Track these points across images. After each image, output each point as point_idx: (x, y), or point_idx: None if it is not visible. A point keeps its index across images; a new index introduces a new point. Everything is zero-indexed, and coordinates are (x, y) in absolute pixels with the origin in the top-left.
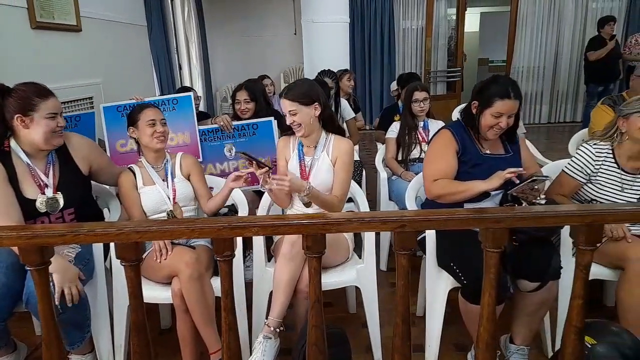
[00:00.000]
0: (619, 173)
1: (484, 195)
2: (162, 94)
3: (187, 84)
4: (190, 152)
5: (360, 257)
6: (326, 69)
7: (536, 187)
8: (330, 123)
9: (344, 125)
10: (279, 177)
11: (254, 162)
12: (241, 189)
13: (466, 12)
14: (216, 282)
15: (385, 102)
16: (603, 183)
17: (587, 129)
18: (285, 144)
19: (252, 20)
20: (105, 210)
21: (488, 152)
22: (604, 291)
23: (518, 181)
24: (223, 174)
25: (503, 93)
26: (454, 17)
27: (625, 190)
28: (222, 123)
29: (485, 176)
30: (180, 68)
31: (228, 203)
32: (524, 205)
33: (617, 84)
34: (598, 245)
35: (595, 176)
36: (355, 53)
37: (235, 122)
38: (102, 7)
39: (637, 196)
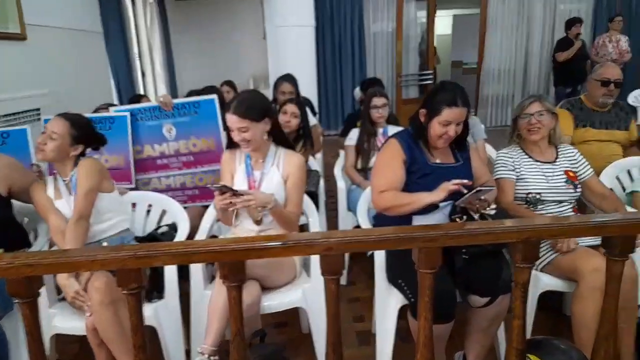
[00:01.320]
0: (537, 165)
1: (433, 207)
2: (120, 102)
3: (151, 90)
4: (122, 176)
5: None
6: (285, 74)
7: (482, 197)
8: (280, 136)
9: None
10: (245, 192)
11: (231, 193)
12: (184, 206)
13: (438, 14)
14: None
15: (358, 107)
16: (529, 178)
17: None
18: (230, 157)
19: (219, 26)
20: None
21: (437, 161)
22: (563, 301)
23: (466, 191)
24: (162, 156)
25: (450, 101)
26: (425, 20)
27: (550, 180)
28: (162, 100)
29: (435, 186)
30: (143, 75)
31: (169, 221)
32: (476, 216)
33: (584, 86)
34: (535, 262)
35: (520, 172)
36: (326, 57)
37: (177, 100)
38: (50, 14)
39: (563, 182)
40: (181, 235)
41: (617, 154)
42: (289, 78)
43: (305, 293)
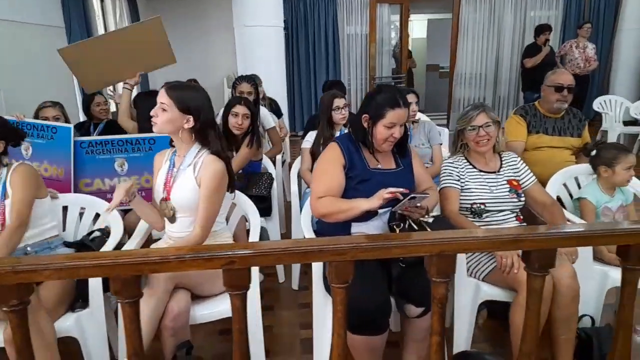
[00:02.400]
0: (480, 175)
1: (372, 214)
2: (83, 99)
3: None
4: (62, 188)
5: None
6: (244, 74)
7: (418, 204)
8: (206, 140)
9: (265, 135)
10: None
11: None
12: (119, 209)
13: (413, 18)
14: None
15: None
16: (473, 189)
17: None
18: (161, 156)
19: (192, 25)
20: None
21: (378, 166)
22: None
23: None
24: (112, 190)
25: (393, 102)
26: (398, 24)
27: (494, 190)
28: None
29: (374, 192)
30: None
31: (101, 226)
32: (415, 223)
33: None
34: (452, 276)
35: (464, 183)
36: (300, 58)
37: (132, 136)
38: (4, 6)
39: (506, 191)
40: (113, 241)
41: (569, 161)
42: (247, 78)
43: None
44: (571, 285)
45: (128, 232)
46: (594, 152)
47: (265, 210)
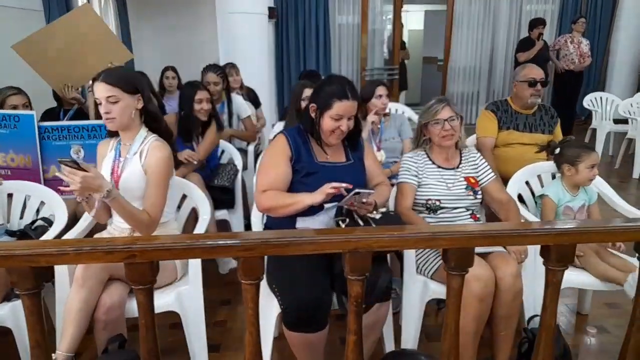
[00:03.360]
0: (439, 172)
1: (318, 208)
2: None
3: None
4: (32, 177)
5: None
6: (212, 64)
7: (364, 200)
8: (154, 121)
9: (240, 125)
10: (70, 172)
11: (77, 168)
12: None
13: (409, 9)
14: None
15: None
16: (430, 184)
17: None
18: (104, 145)
19: (180, 12)
20: None
21: (327, 160)
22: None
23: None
24: None
25: (341, 94)
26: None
27: (451, 187)
28: None
29: (320, 186)
30: None
31: (45, 214)
32: (362, 219)
33: (545, 87)
34: (367, 274)
35: (422, 178)
36: (290, 48)
37: (89, 122)
38: None
39: (463, 188)
40: (55, 230)
41: (540, 158)
42: (215, 68)
43: (181, 296)
44: (514, 284)
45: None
46: (557, 150)
47: (228, 202)
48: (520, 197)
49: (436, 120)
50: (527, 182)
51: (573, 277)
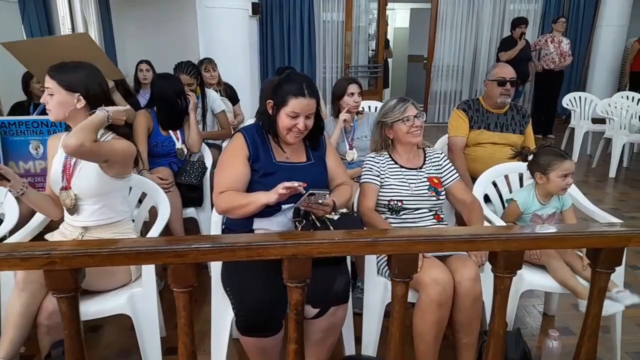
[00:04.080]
0: (401, 172)
1: (275, 209)
2: None
3: None
4: None
5: None
6: (184, 62)
7: (320, 201)
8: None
9: (215, 120)
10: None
11: None
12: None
13: (395, 7)
14: None
15: None
16: (392, 185)
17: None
18: (54, 141)
19: (162, 6)
20: None
21: (286, 159)
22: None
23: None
24: (27, 174)
25: (297, 91)
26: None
27: (413, 187)
28: None
29: None
30: None
31: None
32: (319, 220)
33: (527, 86)
34: (308, 281)
35: (384, 179)
36: (274, 44)
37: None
38: None
39: (426, 189)
40: (3, 230)
41: (511, 158)
42: (186, 69)
43: (133, 299)
44: (472, 288)
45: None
46: (530, 157)
47: (196, 200)
48: (487, 198)
49: (406, 117)
50: (494, 183)
51: (536, 279)
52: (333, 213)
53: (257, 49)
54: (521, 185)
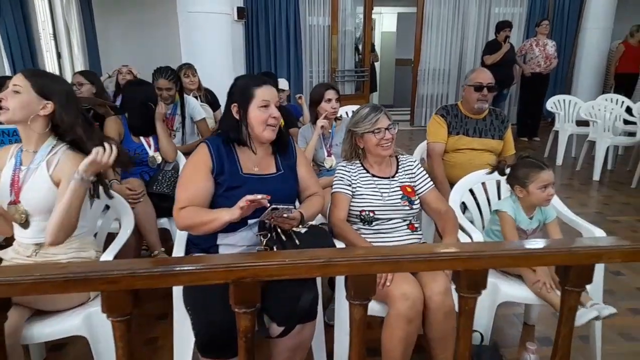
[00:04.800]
0: (373, 181)
1: (241, 224)
2: None
3: (68, 73)
4: None
5: None
6: (163, 66)
7: (285, 215)
8: (68, 135)
9: (194, 128)
10: None
11: None
12: None
13: (382, 11)
14: None
15: (292, 101)
16: (364, 194)
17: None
18: (3, 153)
19: (145, 10)
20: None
21: (254, 171)
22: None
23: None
24: None
25: (257, 81)
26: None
27: (385, 197)
28: None
29: None
30: (59, 56)
31: None
32: (285, 234)
33: (512, 90)
34: (258, 305)
35: (355, 188)
36: (260, 49)
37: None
38: None
39: (398, 198)
40: None
41: (490, 164)
42: (165, 73)
43: (90, 319)
44: (443, 302)
45: None
46: (507, 171)
47: (169, 210)
48: (463, 205)
49: (377, 129)
50: (471, 191)
51: (513, 291)
52: (300, 226)
53: (243, 54)
54: (499, 192)
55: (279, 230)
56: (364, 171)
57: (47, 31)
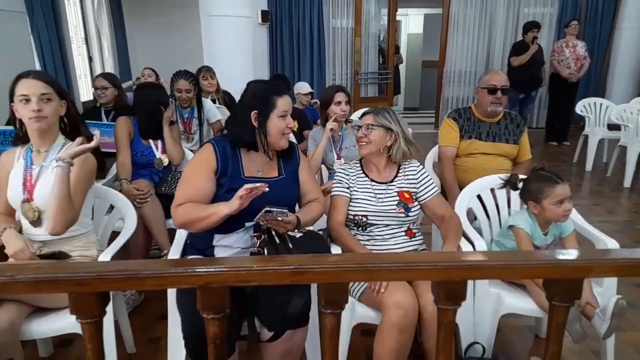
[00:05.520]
0: (370, 185)
1: (237, 225)
2: None
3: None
4: None
5: None
6: (182, 70)
7: (279, 218)
8: (76, 127)
9: (210, 129)
10: None
11: None
12: None
13: (409, 13)
14: None
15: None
16: (360, 197)
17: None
18: (9, 156)
19: (173, 13)
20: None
21: (257, 175)
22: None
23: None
24: None
25: (280, 90)
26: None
27: (380, 202)
28: None
29: (244, 204)
30: (91, 60)
31: None
32: (279, 237)
33: (539, 92)
34: (227, 311)
35: (353, 192)
36: (284, 52)
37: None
38: None
39: (394, 204)
40: None
41: (504, 169)
42: (185, 75)
43: None
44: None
45: None
46: (520, 185)
47: None
48: (469, 212)
49: (356, 125)
50: (479, 197)
51: (516, 302)
52: (296, 230)
53: (266, 57)
54: (509, 199)
55: (273, 233)
56: (363, 175)
57: (79, 35)
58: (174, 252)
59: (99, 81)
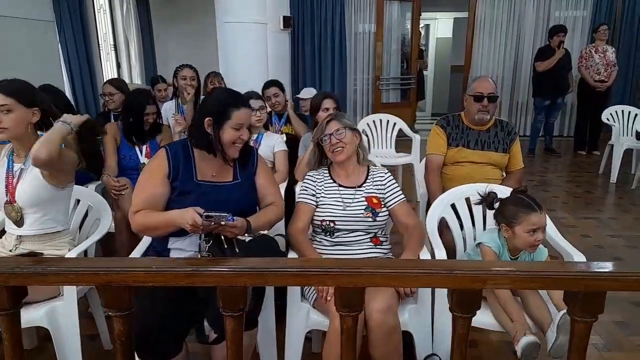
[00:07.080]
0: (338, 190)
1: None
2: (73, 93)
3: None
4: None
5: None
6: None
7: (222, 222)
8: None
9: None
10: None
11: None
12: None
13: (438, 17)
14: None
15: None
16: (327, 203)
17: None
18: None
19: (196, 20)
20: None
21: (207, 179)
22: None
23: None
24: None
25: (237, 101)
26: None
27: (348, 207)
28: None
29: (195, 205)
30: (119, 66)
31: None
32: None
33: (566, 98)
34: (133, 310)
35: (320, 198)
36: (305, 56)
37: None
38: None
39: (362, 209)
40: None
41: (492, 178)
42: (188, 65)
43: (54, 312)
44: (384, 321)
45: None
46: (497, 205)
47: None
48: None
49: (325, 135)
50: (453, 206)
51: (479, 317)
52: (246, 235)
53: (288, 62)
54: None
55: (222, 237)
56: (331, 180)
57: (108, 42)
58: (137, 252)
59: (106, 88)
